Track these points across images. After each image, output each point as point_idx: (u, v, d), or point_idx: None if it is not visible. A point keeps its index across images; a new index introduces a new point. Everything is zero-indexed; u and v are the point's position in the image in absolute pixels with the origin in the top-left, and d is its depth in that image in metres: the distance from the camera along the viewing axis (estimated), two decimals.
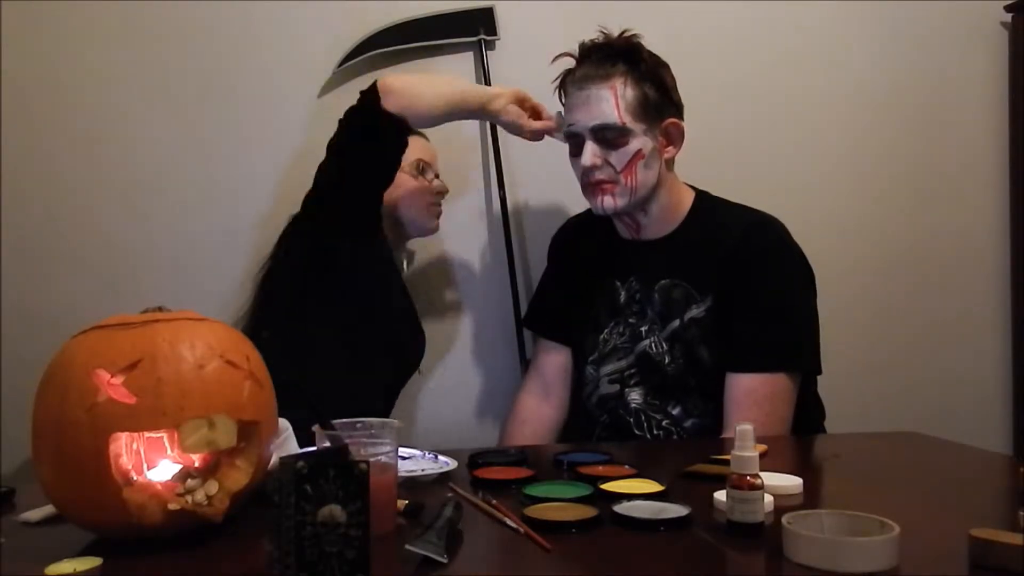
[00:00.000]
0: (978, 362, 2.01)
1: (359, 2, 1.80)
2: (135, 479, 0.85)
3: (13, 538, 0.89)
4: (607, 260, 1.55)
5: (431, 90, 1.44)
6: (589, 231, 1.60)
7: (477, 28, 1.81)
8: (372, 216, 1.47)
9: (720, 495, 0.91)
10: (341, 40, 1.78)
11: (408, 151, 1.52)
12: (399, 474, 0.94)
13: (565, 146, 1.49)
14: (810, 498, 0.99)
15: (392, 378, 1.63)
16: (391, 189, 1.48)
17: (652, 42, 1.46)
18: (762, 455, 0.95)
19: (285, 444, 1.05)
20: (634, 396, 1.49)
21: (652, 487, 1.00)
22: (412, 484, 1.04)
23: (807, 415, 1.47)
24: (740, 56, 1.92)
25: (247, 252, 1.75)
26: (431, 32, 1.80)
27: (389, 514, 0.89)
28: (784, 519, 0.78)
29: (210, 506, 0.86)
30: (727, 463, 0.88)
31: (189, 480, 0.87)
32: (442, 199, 1.69)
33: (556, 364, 1.62)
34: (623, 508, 0.90)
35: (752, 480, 0.85)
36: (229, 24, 1.78)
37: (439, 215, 1.69)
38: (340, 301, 1.48)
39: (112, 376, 0.84)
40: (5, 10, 1.71)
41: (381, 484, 0.83)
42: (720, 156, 1.86)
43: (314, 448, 0.91)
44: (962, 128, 2.00)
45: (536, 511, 0.91)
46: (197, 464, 0.89)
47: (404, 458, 1.12)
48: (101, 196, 1.76)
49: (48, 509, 0.95)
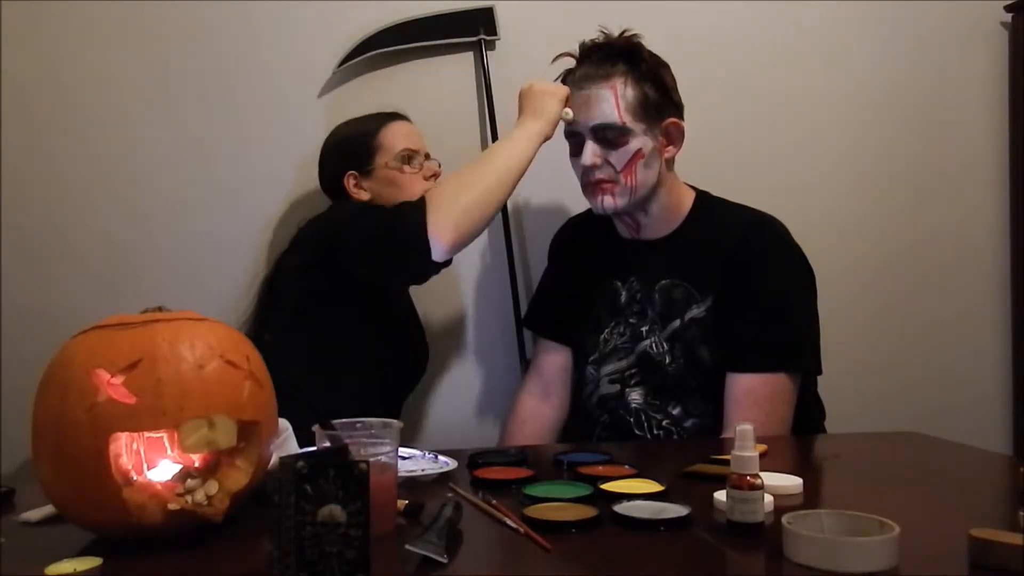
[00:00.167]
0: (978, 362, 2.01)
1: (359, 2, 1.80)
2: (135, 479, 0.85)
3: (13, 538, 0.89)
4: (607, 260, 1.55)
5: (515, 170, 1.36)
6: (589, 231, 1.60)
7: (477, 28, 1.81)
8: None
9: (720, 495, 0.91)
10: (341, 40, 1.78)
11: (391, 141, 1.51)
12: (399, 474, 0.94)
13: (565, 146, 1.49)
14: (810, 498, 0.99)
15: (396, 381, 1.62)
16: (384, 187, 1.47)
17: (652, 42, 1.46)
18: (762, 455, 0.95)
19: (285, 444, 1.05)
20: (634, 396, 1.49)
21: (652, 487, 1.00)
22: (412, 484, 1.04)
23: (807, 415, 1.47)
24: (740, 56, 1.92)
25: (247, 252, 1.76)
26: (431, 32, 1.80)
27: (389, 514, 0.89)
28: (784, 519, 0.78)
29: (210, 506, 0.86)
30: (727, 463, 0.88)
31: (189, 480, 0.87)
32: (436, 180, 1.61)
33: (556, 364, 1.62)
34: (623, 508, 0.90)
35: (752, 480, 0.85)
36: (229, 24, 1.77)
37: None
38: (344, 304, 1.47)
39: (112, 376, 0.84)
40: (5, 10, 1.70)
41: (381, 484, 0.83)
42: (720, 156, 1.86)
43: (314, 448, 0.91)
44: (962, 128, 2.00)
45: (536, 511, 0.91)
46: (197, 464, 0.89)
47: (404, 458, 1.12)
48: (101, 196, 1.75)
49: (48, 509, 0.95)
